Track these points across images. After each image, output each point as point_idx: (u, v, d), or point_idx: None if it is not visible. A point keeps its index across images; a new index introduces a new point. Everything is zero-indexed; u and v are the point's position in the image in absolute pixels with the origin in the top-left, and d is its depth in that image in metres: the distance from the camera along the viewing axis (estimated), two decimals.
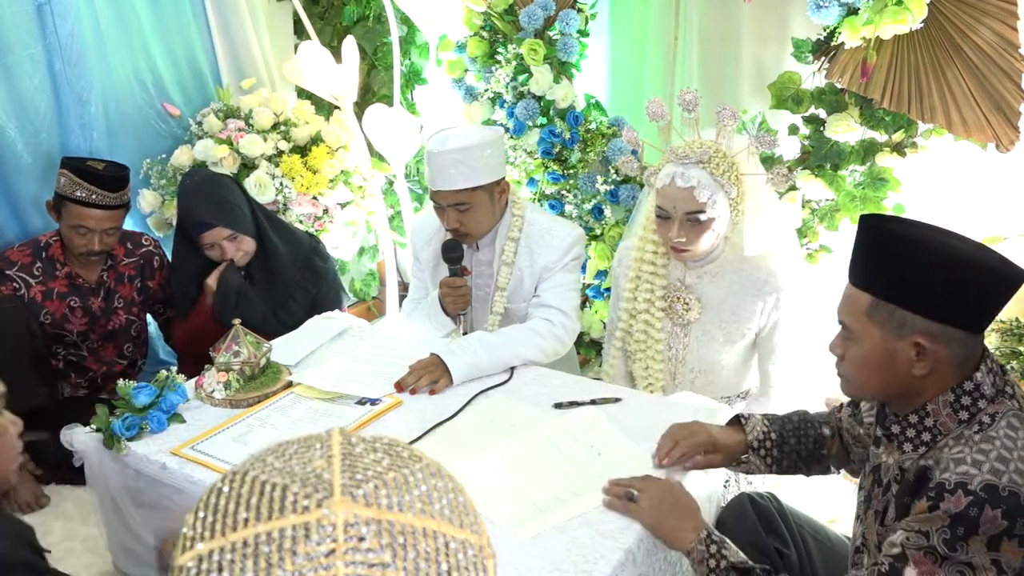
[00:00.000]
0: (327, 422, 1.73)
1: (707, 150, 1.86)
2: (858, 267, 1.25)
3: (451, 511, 0.60)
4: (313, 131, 3.15)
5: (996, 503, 1.06)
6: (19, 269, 2.40)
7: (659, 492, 1.39)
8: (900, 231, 1.19)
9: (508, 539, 1.35)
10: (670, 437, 1.55)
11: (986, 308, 1.18)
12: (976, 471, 1.09)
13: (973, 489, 1.07)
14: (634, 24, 3.32)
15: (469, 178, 2.04)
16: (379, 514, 0.56)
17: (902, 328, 1.18)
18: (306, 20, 3.30)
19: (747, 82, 3.00)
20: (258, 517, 0.55)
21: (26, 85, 2.63)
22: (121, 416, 1.66)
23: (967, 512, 1.07)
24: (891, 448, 1.29)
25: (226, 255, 2.38)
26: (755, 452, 1.55)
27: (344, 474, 0.58)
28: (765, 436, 1.56)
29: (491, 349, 1.96)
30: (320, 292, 2.52)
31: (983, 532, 1.06)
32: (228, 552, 0.54)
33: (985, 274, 1.14)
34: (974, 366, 1.20)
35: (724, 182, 1.85)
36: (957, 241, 1.19)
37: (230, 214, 2.37)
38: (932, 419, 1.21)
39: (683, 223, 1.88)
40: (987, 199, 2.43)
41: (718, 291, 1.99)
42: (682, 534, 1.34)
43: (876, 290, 1.21)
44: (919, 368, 1.18)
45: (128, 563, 1.72)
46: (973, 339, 1.19)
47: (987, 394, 1.18)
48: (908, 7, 2.14)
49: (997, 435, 1.13)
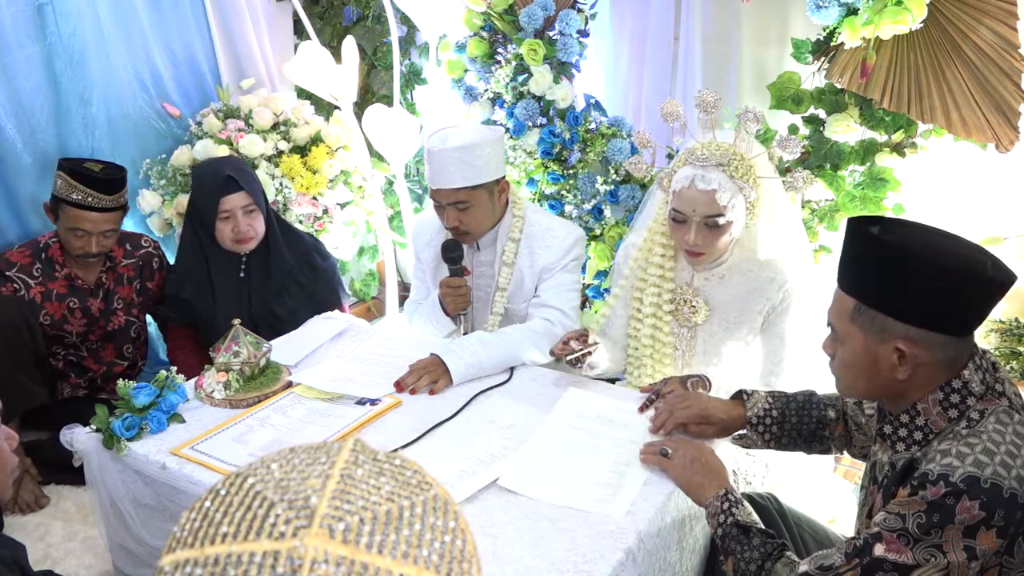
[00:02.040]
0: (327, 422, 1.73)
1: (726, 152, 1.81)
2: (843, 271, 1.27)
3: (440, 557, 0.56)
4: (313, 131, 3.15)
5: (975, 495, 1.08)
6: (19, 270, 2.40)
7: (692, 452, 1.51)
8: (884, 237, 1.19)
9: (508, 539, 1.35)
10: (667, 407, 1.66)
11: (972, 313, 1.19)
12: (959, 463, 1.11)
13: (954, 480, 1.09)
14: (634, 24, 3.33)
15: (469, 176, 2.04)
16: (354, 553, 0.53)
17: (883, 333, 1.20)
18: (306, 20, 3.30)
19: (747, 82, 3.01)
20: (236, 535, 0.54)
21: (26, 85, 2.63)
22: (121, 416, 1.65)
23: (943, 501, 1.09)
24: (885, 447, 1.31)
25: (239, 229, 2.36)
26: (753, 428, 1.60)
27: (332, 501, 0.56)
28: (766, 413, 1.60)
29: (491, 349, 1.95)
30: (317, 289, 2.52)
31: (959, 522, 1.08)
32: (199, 566, 0.53)
33: (972, 280, 1.14)
34: (963, 365, 1.21)
35: (743, 185, 1.82)
36: (947, 243, 1.19)
37: (254, 183, 2.43)
38: (923, 418, 1.23)
39: (700, 227, 1.84)
40: (987, 199, 2.43)
41: (725, 293, 1.96)
42: (704, 491, 1.45)
43: (859, 295, 1.23)
44: (901, 372, 1.21)
45: (128, 563, 1.71)
46: (958, 341, 1.19)
47: (976, 391, 1.20)
48: (908, 7, 2.15)
49: (985, 430, 1.15)
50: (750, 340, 1.98)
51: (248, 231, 2.37)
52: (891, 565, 1.13)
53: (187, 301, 2.47)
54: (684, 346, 2.03)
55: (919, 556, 1.11)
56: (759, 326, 1.96)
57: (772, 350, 1.96)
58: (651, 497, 1.46)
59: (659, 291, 2.01)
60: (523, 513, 1.42)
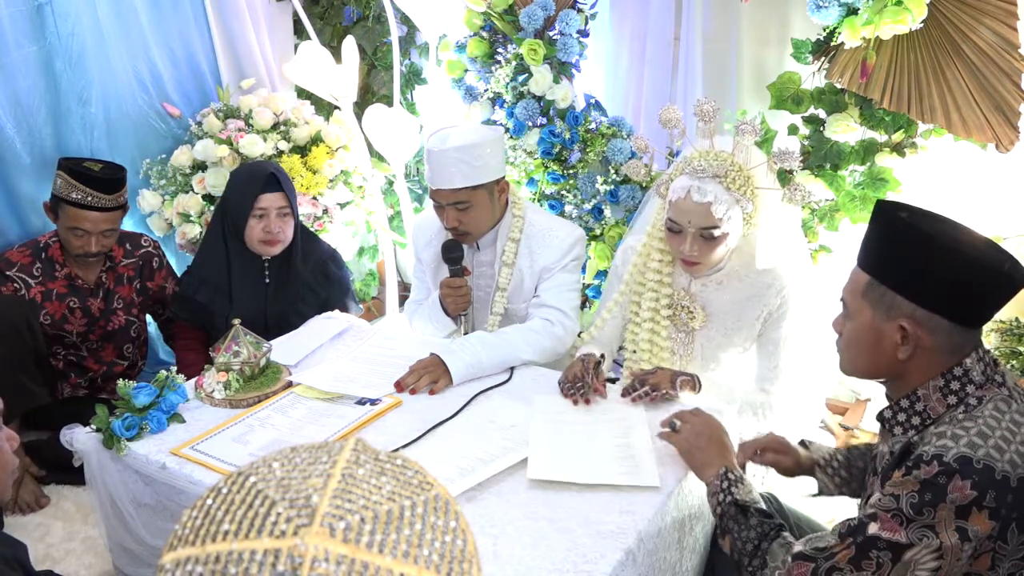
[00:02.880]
0: (327, 422, 1.73)
1: (724, 163, 1.78)
2: (863, 248, 1.31)
3: (440, 557, 0.56)
4: (313, 131, 3.15)
5: (967, 474, 1.09)
6: (19, 270, 2.40)
7: (700, 426, 1.53)
8: (911, 220, 1.22)
9: (508, 539, 1.35)
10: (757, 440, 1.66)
11: (979, 304, 1.21)
12: (953, 444, 1.12)
13: (947, 460, 1.11)
14: (634, 24, 3.33)
15: (469, 176, 2.04)
16: (354, 552, 0.53)
17: (891, 310, 1.23)
18: (306, 20, 3.30)
19: (747, 82, 3.01)
20: (237, 532, 0.54)
21: (26, 85, 2.63)
22: (121, 416, 1.65)
23: (936, 480, 1.10)
24: (885, 435, 1.32)
25: (271, 229, 2.34)
26: (822, 470, 1.60)
27: (333, 500, 0.56)
28: (831, 457, 1.61)
29: (491, 349, 1.96)
30: (331, 297, 2.52)
31: (951, 501, 1.09)
32: (200, 564, 0.53)
33: (987, 272, 1.16)
34: (965, 355, 1.22)
35: (740, 197, 1.79)
36: (969, 237, 1.21)
37: (292, 188, 2.44)
38: (922, 404, 1.24)
39: (696, 238, 1.83)
40: (987, 199, 2.43)
41: (723, 300, 1.95)
42: (708, 468, 1.46)
43: (874, 271, 1.26)
44: (902, 352, 1.23)
45: (128, 563, 1.71)
46: (963, 332, 1.21)
47: (976, 380, 1.21)
48: (908, 7, 2.15)
49: (981, 415, 1.17)
50: (748, 346, 1.97)
51: (279, 233, 2.36)
52: (884, 543, 1.14)
53: (202, 304, 2.44)
54: (681, 351, 2.03)
55: (912, 536, 1.12)
56: (757, 332, 1.95)
57: (767, 356, 1.95)
58: (651, 497, 1.46)
59: (656, 296, 2.00)
60: (523, 513, 1.42)
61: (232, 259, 2.42)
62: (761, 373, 1.96)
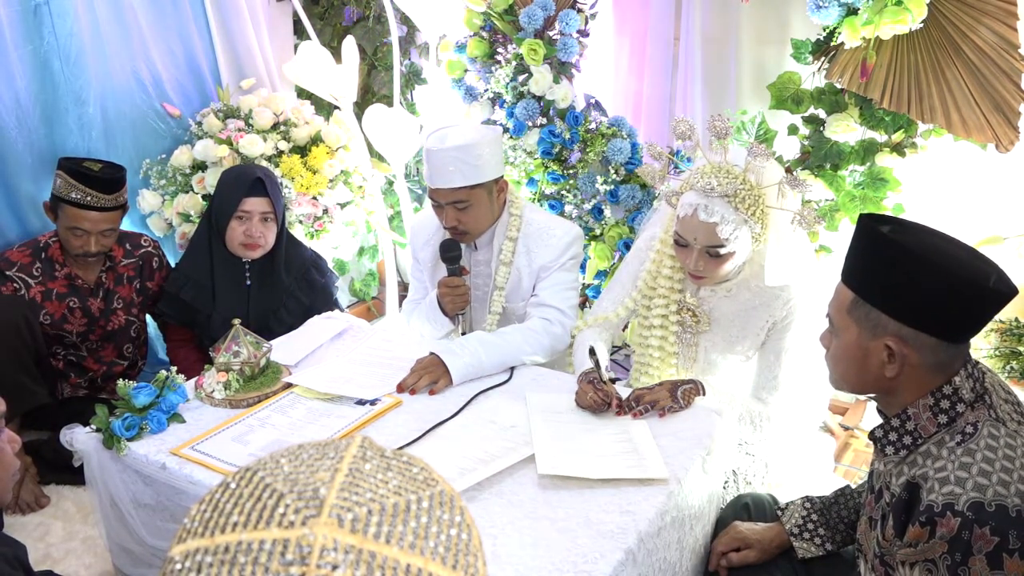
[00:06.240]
0: (327, 422, 1.73)
1: (733, 182, 1.73)
2: (848, 264, 1.29)
3: (446, 549, 0.57)
4: (313, 131, 3.15)
5: (984, 521, 1.07)
6: (19, 270, 2.40)
7: None
8: (892, 236, 1.20)
9: (508, 539, 1.35)
10: (717, 544, 1.63)
11: (966, 320, 1.19)
12: (961, 490, 1.11)
13: (960, 510, 1.09)
14: (634, 24, 3.33)
15: (468, 176, 2.04)
16: (362, 542, 0.54)
17: (876, 328, 1.22)
18: (306, 20, 3.30)
19: (747, 82, 3.01)
20: (246, 523, 0.55)
21: (24, 85, 2.62)
22: (121, 416, 1.65)
23: (960, 536, 1.09)
24: (878, 452, 1.31)
25: (252, 233, 2.37)
26: (799, 537, 1.55)
27: (341, 493, 0.57)
28: (805, 519, 1.56)
29: (491, 349, 1.95)
30: (314, 304, 2.53)
31: (977, 550, 1.08)
32: (209, 554, 0.54)
33: (971, 288, 1.14)
34: (954, 372, 1.21)
35: (748, 217, 1.75)
36: (953, 249, 1.19)
37: (279, 195, 2.46)
38: (913, 423, 1.23)
39: (702, 254, 1.80)
40: (987, 199, 2.43)
41: (731, 307, 1.94)
42: None
43: (858, 288, 1.25)
44: (889, 370, 1.22)
45: (128, 563, 1.71)
46: (949, 347, 1.20)
47: (965, 398, 1.20)
48: (908, 7, 2.15)
49: (978, 447, 1.15)
50: (750, 355, 1.96)
51: (259, 238, 2.39)
52: None
53: (185, 302, 2.47)
54: (683, 353, 2.03)
55: None
56: (760, 341, 1.93)
57: (768, 366, 1.93)
58: (651, 497, 1.46)
59: (667, 302, 1.99)
60: (523, 513, 1.42)
61: (215, 259, 2.45)
62: (760, 382, 1.94)
